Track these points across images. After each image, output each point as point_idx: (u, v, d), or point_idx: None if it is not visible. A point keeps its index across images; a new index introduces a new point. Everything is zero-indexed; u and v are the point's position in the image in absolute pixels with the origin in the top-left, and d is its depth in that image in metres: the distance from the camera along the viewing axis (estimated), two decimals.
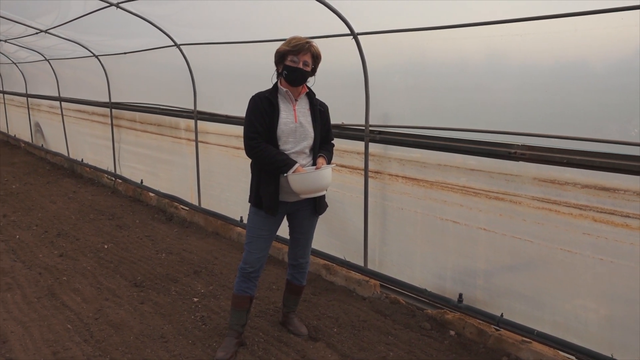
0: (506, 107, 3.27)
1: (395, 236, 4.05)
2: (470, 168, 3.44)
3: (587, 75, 2.91)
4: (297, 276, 3.38)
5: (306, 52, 2.89)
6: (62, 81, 9.08)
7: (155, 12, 4.91)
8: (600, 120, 2.85)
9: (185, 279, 4.39)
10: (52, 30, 6.45)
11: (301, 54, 2.88)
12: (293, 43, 2.89)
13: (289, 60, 2.89)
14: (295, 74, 2.90)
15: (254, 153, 2.93)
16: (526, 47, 3.09)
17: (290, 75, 2.91)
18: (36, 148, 11.07)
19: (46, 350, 3.26)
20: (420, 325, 3.60)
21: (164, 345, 3.32)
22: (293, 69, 2.89)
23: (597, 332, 2.98)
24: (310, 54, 2.91)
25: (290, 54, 2.89)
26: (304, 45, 2.88)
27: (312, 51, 2.92)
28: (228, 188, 5.68)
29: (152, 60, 6.25)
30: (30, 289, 4.18)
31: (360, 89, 3.92)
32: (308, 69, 2.92)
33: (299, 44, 2.88)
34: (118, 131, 7.76)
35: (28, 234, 5.63)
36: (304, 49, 2.88)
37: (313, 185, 2.87)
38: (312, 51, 2.92)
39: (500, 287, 3.42)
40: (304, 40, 2.90)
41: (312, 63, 2.94)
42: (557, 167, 2.98)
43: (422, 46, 3.63)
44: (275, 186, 2.96)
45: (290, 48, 2.89)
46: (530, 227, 3.18)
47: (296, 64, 2.88)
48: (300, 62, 2.88)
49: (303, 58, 2.88)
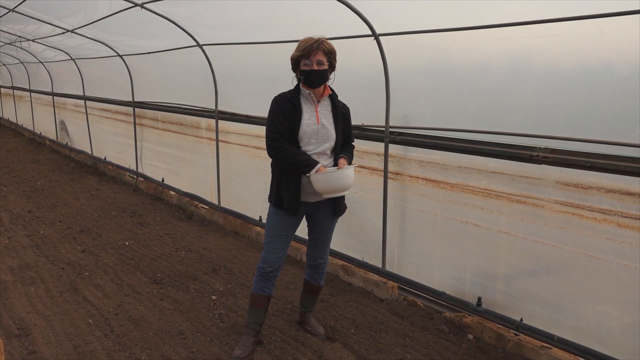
0: (529, 110, 3.23)
1: (414, 238, 4.03)
2: (491, 171, 3.41)
3: (611, 78, 2.85)
4: (315, 276, 3.39)
5: (317, 52, 2.85)
6: (87, 80, 9.25)
7: (179, 12, 4.97)
8: (625, 124, 2.79)
9: (204, 277, 4.43)
10: (78, 30, 6.58)
11: (312, 55, 2.85)
12: (302, 46, 2.87)
13: (303, 65, 2.88)
14: (312, 76, 2.89)
15: (275, 153, 2.93)
16: (550, 49, 3.04)
17: (308, 78, 2.90)
18: (61, 146, 11.28)
19: (68, 344, 3.32)
20: (437, 329, 3.58)
21: (183, 342, 3.35)
22: (308, 73, 2.88)
23: (619, 339, 2.92)
24: (322, 52, 2.87)
25: (303, 58, 2.87)
26: (313, 45, 2.85)
27: (323, 48, 2.87)
28: (247, 187, 5.72)
29: (174, 60, 6.33)
30: (53, 284, 4.27)
31: (381, 90, 3.91)
32: (324, 67, 2.89)
33: (307, 46, 2.85)
34: (140, 130, 7.87)
35: (52, 230, 5.74)
36: (314, 49, 2.85)
37: (336, 185, 2.86)
38: (323, 48, 2.87)
39: (521, 291, 3.38)
40: (313, 40, 2.87)
41: (326, 60, 2.89)
42: (581, 170, 2.93)
43: (443, 48, 3.61)
44: (297, 186, 2.97)
45: (300, 52, 2.87)
46: (552, 231, 3.13)
47: (309, 66, 2.86)
48: (313, 63, 2.86)
49: (315, 58, 2.85)
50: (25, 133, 13.97)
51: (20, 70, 12.85)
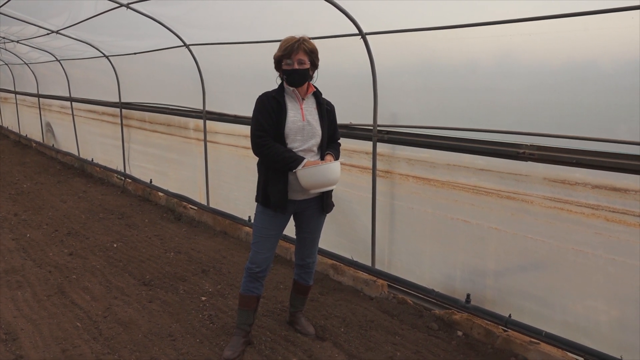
0: (515, 107, 3.25)
1: (403, 236, 4.04)
2: (479, 168, 3.43)
3: (596, 75, 2.88)
4: (304, 276, 3.38)
5: (298, 51, 2.86)
6: (73, 81, 9.16)
7: (165, 12, 4.93)
8: (610, 121, 2.82)
9: (194, 278, 4.40)
10: (64, 31, 6.51)
11: (293, 55, 2.86)
12: (283, 46, 2.89)
13: (285, 64, 2.90)
14: (293, 76, 2.90)
15: (261, 151, 2.93)
16: (535, 47, 3.06)
17: (289, 78, 2.92)
18: (47, 148, 11.17)
19: (55, 348, 3.28)
20: (427, 326, 3.59)
21: (172, 344, 3.33)
22: (290, 72, 2.90)
23: (607, 333, 2.95)
24: (303, 51, 2.88)
25: (284, 58, 2.89)
26: (294, 45, 2.86)
27: (304, 48, 2.89)
28: (236, 187, 5.70)
29: (161, 60, 6.29)
30: (40, 287, 4.22)
31: (368, 89, 3.91)
32: (306, 66, 2.90)
33: (288, 46, 2.87)
34: (128, 131, 7.81)
35: (38, 233, 5.68)
36: (295, 49, 2.86)
37: (322, 179, 2.85)
38: (304, 48, 2.89)
39: (510, 286, 3.40)
40: (294, 39, 2.88)
41: (307, 59, 2.90)
42: (567, 167, 2.95)
43: (430, 46, 3.62)
44: (284, 184, 2.96)
45: (282, 52, 2.89)
46: (541, 226, 3.16)
47: (291, 65, 2.88)
48: (294, 62, 2.87)
49: (297, 57, 2.86)
50: (11, 135, 13.82)
51: (5, 72, 12.70)
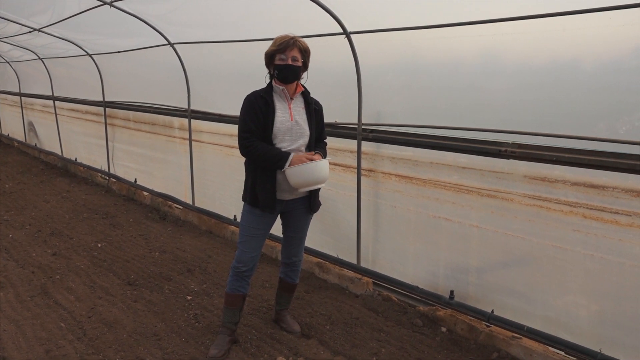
0: (498, 106, 3.29)
1: (388, 234, 4.08)
2: (461, 166, 3.47)
3: (576, 75, 2.93)
4: (290, 274, 3.40)
5: (292, 48, 2.89)
6: (56, 80, 9.05)
7: (149, 11, 4.91)
8: (590, 119, 2.88)
9: (179, 278, 4.40)
10: (46, 29, 6.43)
11: (288, 51, 2.88)
12: (278, 42, 2.90)
13: (278, 59, 2.90)
14: (286, 71, 2.90)
15: (247, 151, 2.93)
16: (517, 46, 3.11)
17: (282, 73, 2.91)
18: (29, 147, 11.03)
19: (39, 349, 3.26)
20: (412, 322, 3.63)
21: (157, 343, 3.32)
22: (283, 67, 2.89)
23: (587, 327, 3.01)
24: (297, 49, 2.90)
25: (278, 53, 2.89)
26: (289, 41, 2.88)
27: (299, 46, 2.91)
28: (222, 187, 5.69)
29: (145, 59, 6.25)
30: (23, 288, 4.18)
31: (353, 88, 3.94)
32: (298, 64, 2.91)
33: (284, 41, 2.88)
34: (112, 130, 7.74)
35: (21, 233, 5.62)
36: (290, 45, 2.88)
37: (311, 177, 2.86)
38: (299, 46, 2.91)
39: (492, 283, 3.45)
40: (289, 37, 2.91)
41: (301, 57, 2.93)
42: (547, 164, 3.00)
43: (414, 45, 3.65)
44: (272, 184, 2.96)
45: (276, 47, 2.89)
46: (521, 224, 3.21)
47: (284, 61, 2.89)
48: (288, 58, 2.88)
49: (291, 54, 2.88)
50: None
51: None
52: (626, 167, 2.66)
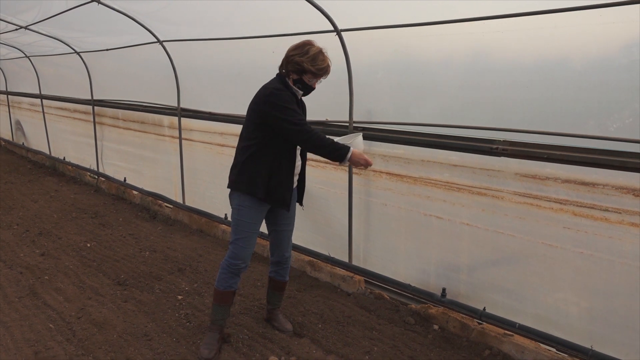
0: (489, 103, 3.30)
1: (379, 232, 4.07)
2: (453, 164, 3.47)
3: (567, 72, 2.94)
4: (280, 272, 3.39)
5: (326, 75, 2.96)
6: (43, 78, 8.95)
7: (138, 8, 4.86)
8: (580, 116, 2.89)
9: (169, 277, 4.36)
10: (33, 27, 6.35)
11: (323, 77, 2.96)
12: (318, 66, 2.88)
13: (307, 78, 2.93)
14: (308, 90, 3.02)
15: (307, 137, 2.84)
16: (508, 44, 3.11)
17: (305, 92, 3.03)
18: (17, 146, 10.91)
19: (28, 350, 3.21)
20: (404, 320, 3.63)
21: (148, 344, 3.29)
22: (309, 88, 3.00)
23: (577, 324, 3.03)
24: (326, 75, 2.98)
25: (313, 75, 2.91)
26: (327, 69, 2.93)
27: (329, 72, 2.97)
28: (212, 185, 5.66)
29: (134, 57, 6.19)
30: (11, 289, 4.12)
31: (344, 86, 3.93)
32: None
33: (322, 68, 2.90)
34: (101, 129, 7.67)
35: (9, 233, 5.54)
36: (325, 73, 2.94)
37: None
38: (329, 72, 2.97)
39: (483, 281, 3.46)
40: (326, 62, 2.91)
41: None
42: (538, 162, 3.01)
43: (405, 43, 3.65)
44: (291, 177, 3.00)
45: (314, 70, 2.89)
46: (512, 221, 3.22)
47: (313, 83, 2.97)
48: (318, 81, 2.98)
49: (320, 79, 2.97)
50: None
51: None
52: (617, 164, 2.68)
